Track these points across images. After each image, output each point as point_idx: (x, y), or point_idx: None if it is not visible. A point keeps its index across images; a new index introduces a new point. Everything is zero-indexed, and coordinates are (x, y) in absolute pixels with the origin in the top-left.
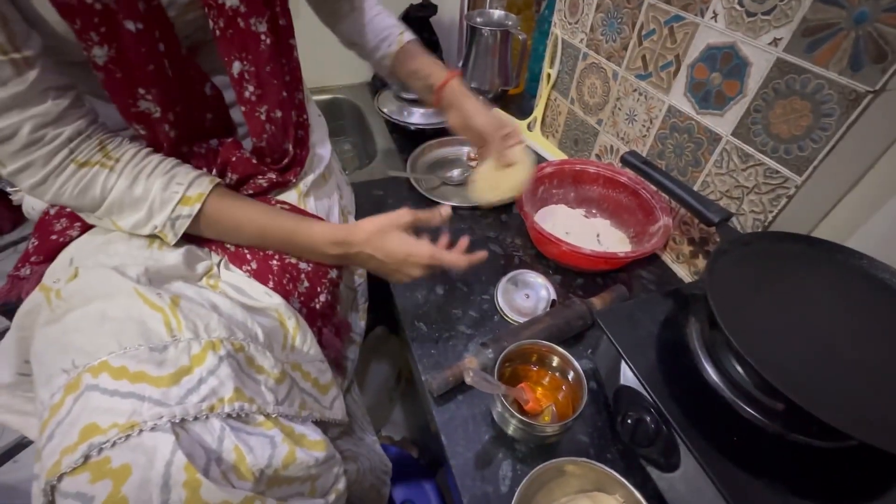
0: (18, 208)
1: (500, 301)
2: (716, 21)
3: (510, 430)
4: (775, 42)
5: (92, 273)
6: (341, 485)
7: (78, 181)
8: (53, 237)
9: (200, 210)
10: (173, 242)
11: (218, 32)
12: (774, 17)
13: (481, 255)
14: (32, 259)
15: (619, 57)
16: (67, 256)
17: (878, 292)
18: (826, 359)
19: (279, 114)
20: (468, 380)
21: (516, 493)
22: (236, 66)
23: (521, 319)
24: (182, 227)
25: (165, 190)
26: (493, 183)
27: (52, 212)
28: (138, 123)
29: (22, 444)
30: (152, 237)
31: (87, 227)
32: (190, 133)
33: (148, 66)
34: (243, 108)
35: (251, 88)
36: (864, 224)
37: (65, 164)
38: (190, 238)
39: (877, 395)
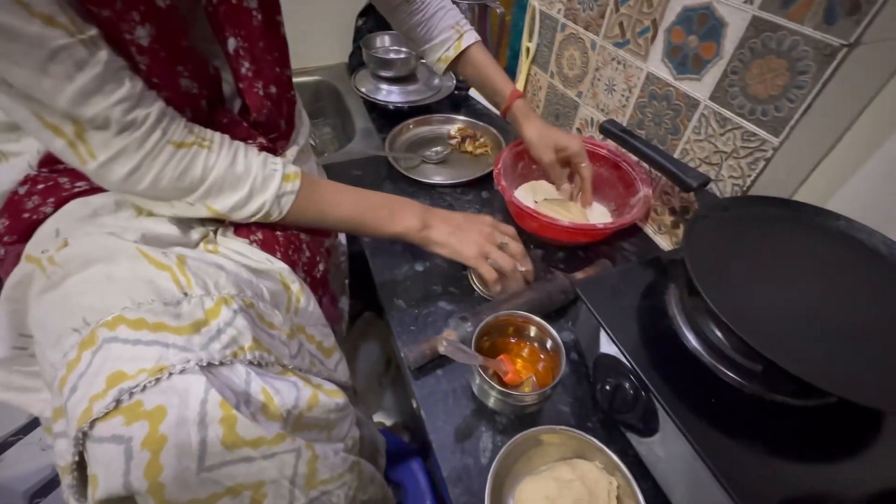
0: None
1: (474, 276)
2: None
3: (490, 403)
4: (750, 0)
5: (86, 239)
6: (356, 432)
7: (178, 162)
8: (26, 215)
9: (302, 187)
10: (278, 218)
11: (211, 9)
12: None
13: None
14: (5, 239)
15: (596, 26)
16: (52, 228)
17: (855, 252)
18: (803, 318)
19: (274, 90)
20: (441, 349)
21: (493, 464)
22: (231, 43)
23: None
24: (287, 203)
25: (265, 167)
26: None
27: (23, 191)
28: (187, 105)
29: (7, 444)
30: (138, 209)
31: (60, 204)
32: (212, 107)
33: (182, 41)
34: (241, 85)
35: (247, 65)
36: (843, 186)
37: (160, 145)
38: None
39: (853, 352)
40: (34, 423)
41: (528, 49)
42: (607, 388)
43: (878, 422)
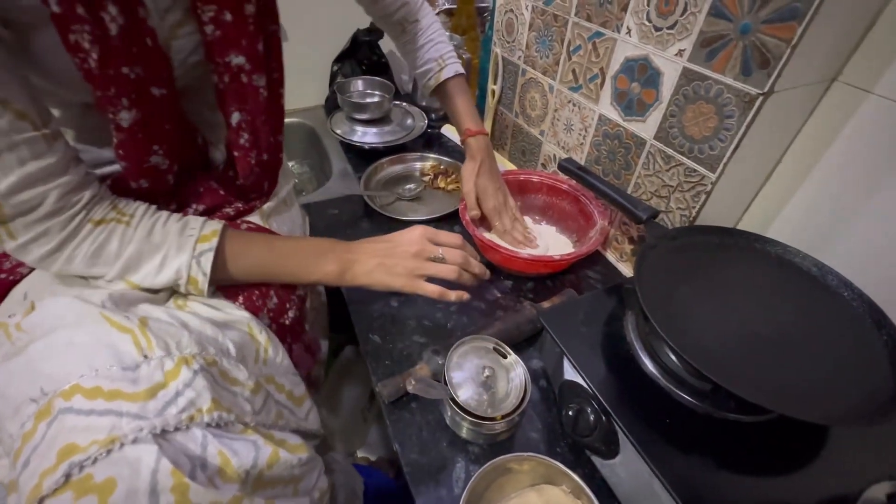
0: None
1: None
2: (630, 36)
3: (463, 433)
4: (680, 53)
5: (53, 303)
6: (324, 484)
7: (94, 239)
8: (2, 276)
9: (219, 243)
10: (205, 284)
11: (222, 86)
12: (677, 31)
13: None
14: None
15: (553, 71)
16: (21, 291)
17: (790, 274)
18: (746, 340)
19: (266, 157)
20: (410, 388)
21: (463, 494)
22: (235, 117)
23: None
24: (208, 261)
25: (181, 234)
26: None
27: None
28: (146, 177)
29: None
30: None
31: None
32: (183, 179)
33: (166, 125)
34: (236, 154)
35: (246, 136)
36: (780, 214)
37: (81, 224)
38: None
39: (791, 369)
40: None
41: (493, 91)
42: (570, 413)
43: (822, 434)
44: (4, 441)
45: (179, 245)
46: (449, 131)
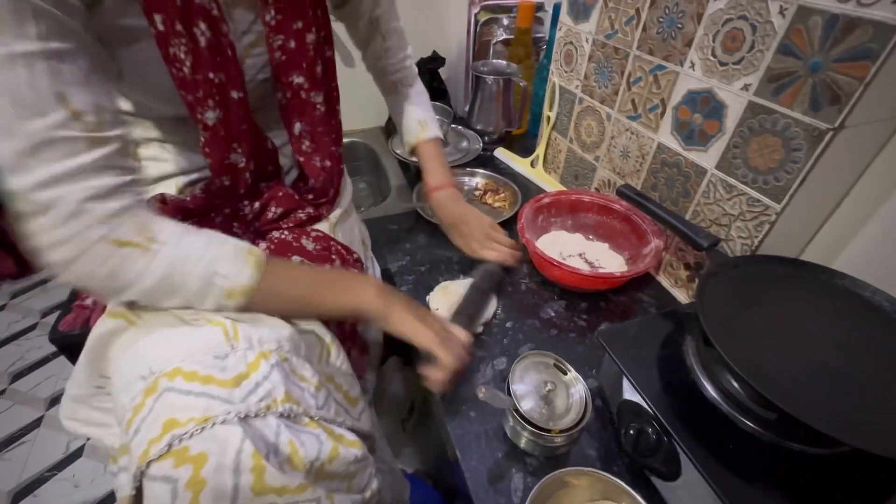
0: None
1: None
2: (693, 70)
3: (522, 444)
4: (746, 87)
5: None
6: (375, 484)
7: (110, 262)
8: None
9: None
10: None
11: (284, 101)
12: (743, 67)
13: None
14: None
15: (611, 101)
16: None
17: (859, 308)
18: (813, 370)
19: (329, 163)
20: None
21: None
22: (297, 126)
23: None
24: (230, 306)
25: (206, 280)
26: None
27: None
28: (226, 174)
29: (42, 479)
30: None
31: None
32: (259, 177)
33: (243, 125)
34: (301, 159)
35: (307, 143)
36: (847, 246)
37: (99, 241)
38: None
39: (860, 402)
40: (68, 460)
41: (548, 117)
42: (631, 432)
43: (894, 471)
44: (117, 411)
45: (201, 294)
46: (502, 154)
